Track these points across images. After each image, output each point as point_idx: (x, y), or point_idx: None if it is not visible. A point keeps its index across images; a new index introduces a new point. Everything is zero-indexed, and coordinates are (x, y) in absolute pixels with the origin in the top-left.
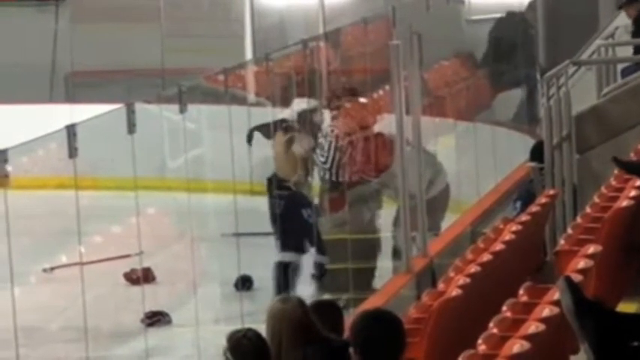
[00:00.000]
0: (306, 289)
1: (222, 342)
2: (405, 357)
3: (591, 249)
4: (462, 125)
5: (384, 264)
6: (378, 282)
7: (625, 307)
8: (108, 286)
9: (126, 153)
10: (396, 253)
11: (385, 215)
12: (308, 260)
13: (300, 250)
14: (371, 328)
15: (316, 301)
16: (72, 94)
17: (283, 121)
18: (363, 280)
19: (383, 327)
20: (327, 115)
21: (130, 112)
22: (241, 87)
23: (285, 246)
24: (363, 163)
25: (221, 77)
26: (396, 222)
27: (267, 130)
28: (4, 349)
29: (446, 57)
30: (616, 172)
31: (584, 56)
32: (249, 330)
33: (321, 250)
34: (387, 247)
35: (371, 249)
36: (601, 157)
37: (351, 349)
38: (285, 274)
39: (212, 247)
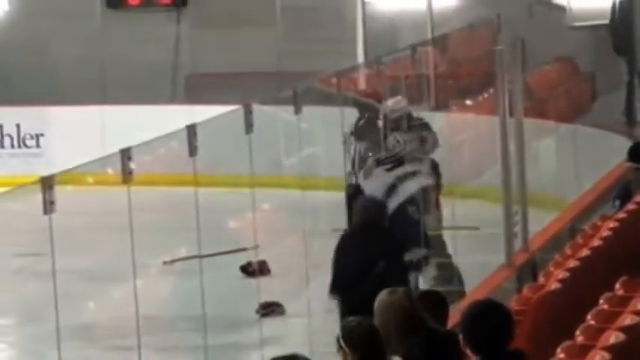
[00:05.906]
0: None
1: (333, 331)
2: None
3: None
4: (562, 127)
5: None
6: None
7: None
8: (225, 278)
9: (243, 152)
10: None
11: None
12: None
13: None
14: (481, 318)
15: (423, 292)
16: (192, 96)
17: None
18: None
19: (493, 317)
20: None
21: (248, 113)
22: (353, 89)
23: None
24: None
25: (334, 80)
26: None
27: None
28: (127, 337)
29: (548, 61)
30: None
31: None
32: (364, 319)
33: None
34: None
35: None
36: None
37: (461, 338)
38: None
39: (324, 241)
